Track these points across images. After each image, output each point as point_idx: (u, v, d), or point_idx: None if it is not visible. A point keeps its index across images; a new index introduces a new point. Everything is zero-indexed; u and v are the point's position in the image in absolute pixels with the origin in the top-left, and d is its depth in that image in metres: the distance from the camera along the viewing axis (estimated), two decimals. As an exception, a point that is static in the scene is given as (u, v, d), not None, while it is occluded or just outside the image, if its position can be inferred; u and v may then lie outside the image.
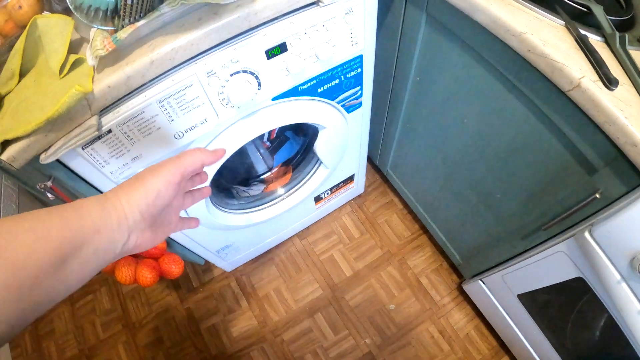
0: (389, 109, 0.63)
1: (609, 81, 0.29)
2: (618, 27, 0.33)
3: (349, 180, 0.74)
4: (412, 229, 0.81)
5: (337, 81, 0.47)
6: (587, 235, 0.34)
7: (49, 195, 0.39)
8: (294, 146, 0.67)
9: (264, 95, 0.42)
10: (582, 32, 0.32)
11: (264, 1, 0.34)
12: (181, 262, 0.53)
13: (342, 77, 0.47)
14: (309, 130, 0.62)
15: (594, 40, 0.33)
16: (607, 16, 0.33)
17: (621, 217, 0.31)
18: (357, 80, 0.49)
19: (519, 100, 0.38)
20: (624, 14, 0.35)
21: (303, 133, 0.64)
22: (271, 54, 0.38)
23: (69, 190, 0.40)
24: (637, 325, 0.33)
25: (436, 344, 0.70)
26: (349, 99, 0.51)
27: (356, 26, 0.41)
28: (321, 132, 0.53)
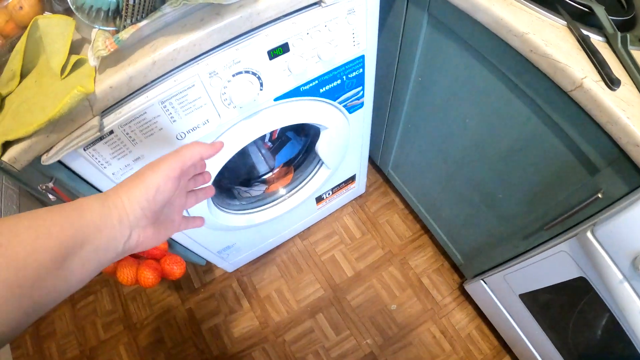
0: (390, 109, 0.63)
1: (611, 81, 0.29)
2: (619, 27, 0.33)
3: (350, 180, 0.74)
4: (413, 229, 0.81)
5: (338, 81, 0.47)
6: (589, 235, 0.34)
7: (50, 196, 0.38)
8: (295, 146, 0.67)
9: (266, 96, 0.41)
10: (584, 32, 0.32)
11: (266, 1, 0.34)
12: (183, 262, 0.53)
13: (344, 77, 0.47)
14: (310, 131, 0.62)
15: (596, 40, 0.33)
16: (608, 16, 0.33)
17: (623, 217, 0.31)
18: (359, 81, 0.49)
19: (521, 100, 0.38)
20: (625, 14, 0.35)
21: (304, 133, 0.64)
22: (273, 54, 0.38)
23: (70, 191, 0.40)
24: (639, 324, 0.33)
25: (438, 344, 0.70)
26: (351, 99, 0.51)
27: (358, 26, 0.41)
28: (323, 132, 0.53)
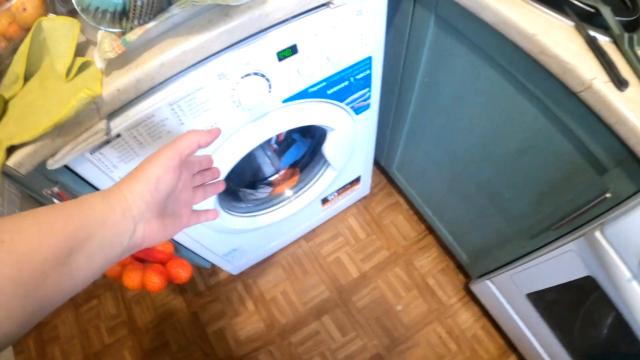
0: (395, 110, 0.63)
1: (620, 82, 0.29)
2: (624, 27, 0.33)
3: (356, 181, 0.73)
4: (418, 229, 0.81)
5: (346, 83, 0.47)
6: (597, 235, 0.34)
7: (55, 201, 0.38)
8: (301, 148, 0.66)
9: (275, 98, 0.41)
10: (591, 33, 0.32)
11: (275, 2, 0.34)
12: (189, 266, 0.52)
13: (352, 78, 0.47)
14: (316, 132, 0.61)
15: (603, 41, 0.33)
16: (614, 17, 0.33)
17: (632, 216, 0.31)
18: (366, 82, 0.49)
19: (529, 100, 0.38)
20: (630, 14, 0.35)
21: (310, 135, 0.64)
22: (282, 55, 0.38)
23: (75, 195, 0.39)
24: (648, 323, 0.34)
25: (444, 344, 0.70)
26: (358, 101, 0.51)
27: (366, 27, 0.41)
28: (330, 133, 0.53)
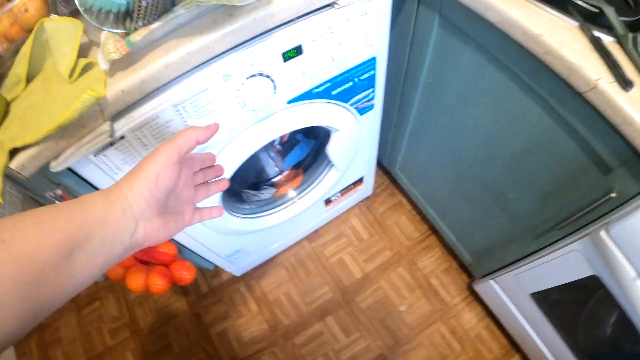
0: (398, 110, 0.63)
1: (625, 83, 0.29)
2: (628, 27, 0.33)
3: (359, 182, 0.73)
4: (421, 229, 0.81)
5: (350, 83, 0.46)
6: (602, 234, 0.34)
7: (58, 203, 0.38)
8: (304, 149, 0.66)
9: (279, 99, 0.41)
10: (596, 33, 0.32)
11: (280, 3, 0.33)
12: (193, 268, 0.52)
13: (356, 79, 0.46)
14: (319, 133, 0.61)
15: (607, 41, 0.32)
16: (618, 17, 0.33)
17: (637, 216, 0.31)
18: (371, 82, 0.49)
19: (534, 101, 0.38)
20: (632, 14, 0.35)
21: (314, 135, 0.64)
22: (287, 56, 0.37)
23: (79, 198, 0.39)
24: (653, 322, 0.34)
25: (447, 344, 0.70)
26: (362, 101, 0.51)
27: (371, 28, 0.41)
28: (334, 134, 0.53)
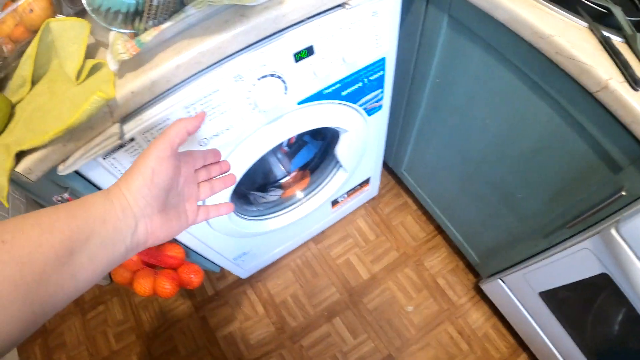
0: (405, 111, 0.62)
1: (635, 82, 0.29)
2: (636, 27, 0.33)
3: (365, 183, 0.73)
4: (427, 229, 0.81)
5: (360, 84, 0.46)
6: (613, 232, 0.34)
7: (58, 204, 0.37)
8: (311, 150, 0.66)
9: (290, 100, 0.40)
10: (605, 33, 0.32)
11: (292, 3, 0.33)
12: (201, 271, 0.51)
13: (366, 80, 0.46)
14: (327, 134, 0.61)
15: (615, 41, 0.32)
16: (626, 17, 0.32)
17: None
18: (380, 83, 0.48)
19: (544, 100, 0.38)
20: (639, 14, 0.35)
21: (321, 137, 0.63)
22: (299, 57, 0.37)
23: (87, 201, 0.38)
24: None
25: (455, 344, 0.70)
26: (371, 102, 0.51)
27: (381, 28, 0.40)
28: (343, 135, 0.52)
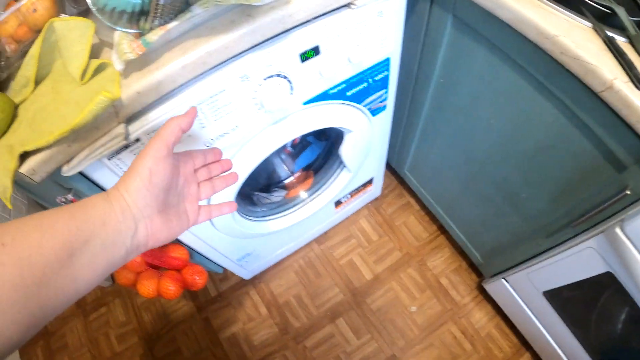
0: (409, 111, 0.62)
1: (639, 82, 0.29)
2: (639, 28, 0.33)
3: (368, 183, 0.73)
4: (430, 230, 0.81)
5: (365, 84, 0.46)
6: (618, 231, 0.34)
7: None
8: (314, 150, 0.66)
9: (296, 100, 0.40)
10: (609, 33, 0.32)
11: (298, 3, 0.33)
12: (205, 272, 0.51)
13: (370, 80, 0.46)
14: (331, 134, 0.61)
15: (619, 41, 0.32)
16: (629, 17, 0.32)
17: None
18: (384, 83, 0.48)
19: (549, 100, 0.38)
20: None
21: (325, 137, 0.63)
22: (305, 57, 0.37)
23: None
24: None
25: (458, 344, 0.70)
26: (375, 102, 0.50)
27: (386, 29, 0.40)
28: (347, 135, 0.52)
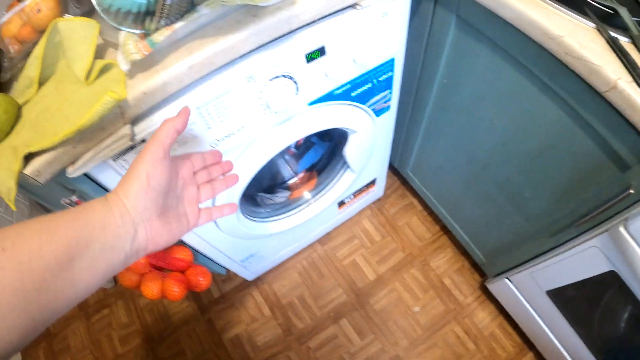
0: (411, 111, 0.62)
1: None
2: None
3: (371, 183, 0.73)
4: (432, 230, 0.81)
5: (369, 85, 0.46)
6: (622, 230, 0.34)
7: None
8: (318, 151, 0.65)
9: (301, 101, 0.40)
10: (612, 34, 0.32)
11: (304, 3, 0.33)
12: (209, 273, 0.51)
13: (375, 80, 0.46)
14: (334, 135, 0.61)
15: (622, 41, 0.32)
16: (632, 18, 0.33)
17: None
18: (388, 84, 0.48)
19: (552, 100, 0.38)
20: None
21: (328, 138, 0.63)
22: (310, 57, 0.36)
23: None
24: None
25: (462, 343, 0.70)
26: (379, 103, 0.50)
27: (391, 29, 0.40)
28: (351, 136, 0.52)
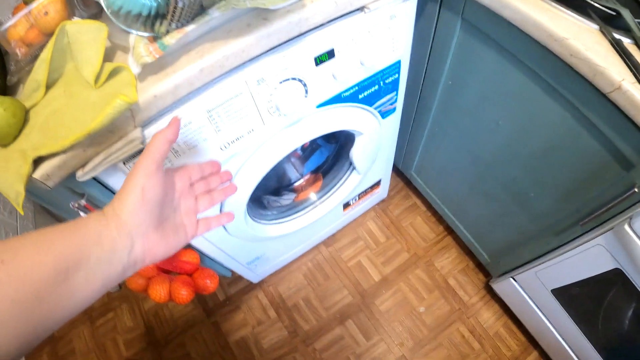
0: (416, 113, 0.63)
1: None
2: None
3: (376, 185, 0.73)
4: (436, 230, 0.81)
5: (376, 87, 0.46)
6: (626, 228, 0.35)
7: (82, 214, 0.36)
8: (324, 153, 0.66)
9: (310, 103, 0.40)
10: (615, 35, 0.32)
11: (314, 7, 0.33)
12: (216, 276, 0.51)
13: (382, 82, 0.46)
14: (340, 137, 0.61)
15: (626, 43, 0.33)
16: (634, 19, 0.33)
17: None
18: (394, 86, 0.49)
19: (557, 101, 0.38)
20: None
21: (334, 140, 0.63)
22: (319, 60, 0.37)
23: (102, 208, 0.37)
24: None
25: (467, 343, 0.70)
26: (385, 105, 0.51)
27: (398, 31, 0.41)
28: (358, 138, 0.52)
